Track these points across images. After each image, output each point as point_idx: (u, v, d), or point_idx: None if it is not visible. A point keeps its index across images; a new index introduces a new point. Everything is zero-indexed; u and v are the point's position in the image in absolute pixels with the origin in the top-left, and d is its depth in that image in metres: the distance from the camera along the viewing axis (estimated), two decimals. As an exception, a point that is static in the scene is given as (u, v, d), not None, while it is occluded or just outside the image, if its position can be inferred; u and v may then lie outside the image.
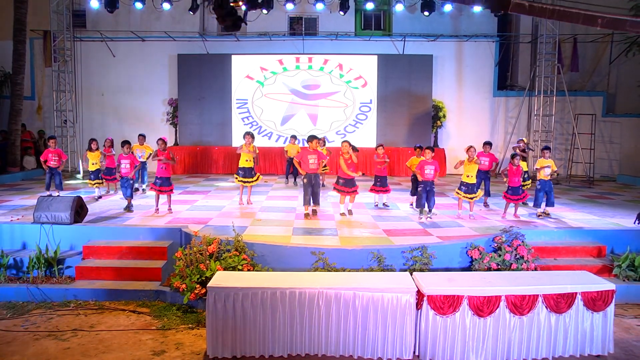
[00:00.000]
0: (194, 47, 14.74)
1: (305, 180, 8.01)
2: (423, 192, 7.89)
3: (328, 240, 6.52)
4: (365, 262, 5.97)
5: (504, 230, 6.52)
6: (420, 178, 7.87)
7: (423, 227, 7.34)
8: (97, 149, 9.78)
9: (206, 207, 8.80)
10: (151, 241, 6.70)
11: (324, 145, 10.90)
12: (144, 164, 10.43)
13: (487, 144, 9.26)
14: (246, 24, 6.85)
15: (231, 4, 6.88)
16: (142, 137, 10.56)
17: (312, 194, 8.00)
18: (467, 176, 7.98)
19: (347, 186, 8.00)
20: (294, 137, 12.07)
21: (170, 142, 14.11)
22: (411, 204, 9.10)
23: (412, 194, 9.04)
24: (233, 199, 9.66)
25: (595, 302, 4.70)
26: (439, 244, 6.28)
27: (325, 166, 11.63)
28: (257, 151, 8.99)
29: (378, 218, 8.04)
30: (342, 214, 8.09)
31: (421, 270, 5.83)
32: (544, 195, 8.17)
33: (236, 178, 8.99)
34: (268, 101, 14.88)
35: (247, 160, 8.82)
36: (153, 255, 6.46)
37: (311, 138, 8.17)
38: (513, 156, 8.16)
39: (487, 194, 9.17)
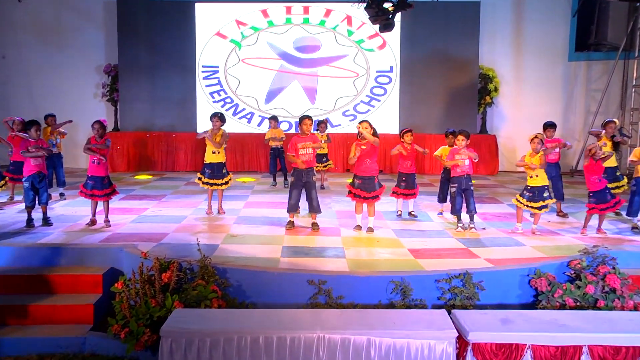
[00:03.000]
0: (141, -9, 14.78)
1: (292, 179, 8.16)
2: (457, 194, 8.02)
3: (332, 264, 6.51)
4: (384, 295, 5.97)
5: (584, 251, 6.47)
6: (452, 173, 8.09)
7: (465, 246, 7.34)
8: None
9: (160, 219, 8.81)
10: (79, 267, 6.68)
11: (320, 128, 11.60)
12: (59, 157, 10.36)
13: (550, 126, 9.25)
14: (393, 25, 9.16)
15: (384, 7, 8.57)
16: (52, 118, 10.48)
17: (308, 198, 8.13)
18: (531, 177, 7.98)
19: (363, 189, 7.96)
20: (274, 118, 12.04)
21: (108, 127, 14.11)
22: (440, 213, 9.16)
23: (441, 200, 9.12)
24: (198, 206, 9.69)
25: None
26: (489, 270, 6.28)
27: (328, 161, 11.65)
28: (227, 138, 9.09)
29: (402, 233, 8.06)
30: (358, 227, 8.12)
31: (463, 307, 5.81)
32: None
33: (200, 179, 8.99)
34: (247, 69, 14.93)
35: (214, 153, 8.86)
36: (81, 288, 6.44)
37: (302, 118, 8.31)
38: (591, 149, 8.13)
39: (560, 197, 9.15)
